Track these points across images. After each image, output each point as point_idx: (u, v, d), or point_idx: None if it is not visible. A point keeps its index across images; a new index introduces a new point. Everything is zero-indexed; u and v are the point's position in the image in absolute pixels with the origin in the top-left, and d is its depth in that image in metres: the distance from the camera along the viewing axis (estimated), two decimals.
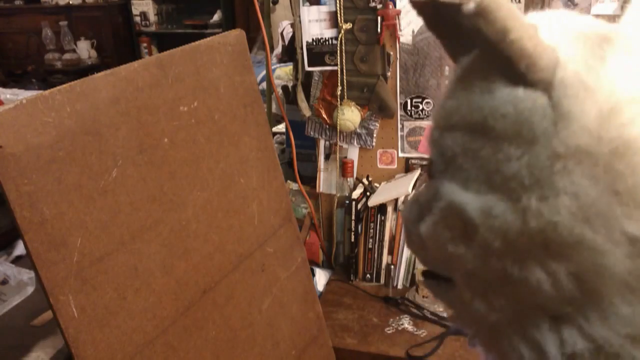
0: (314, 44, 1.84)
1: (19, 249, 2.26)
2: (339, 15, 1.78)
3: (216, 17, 4.83)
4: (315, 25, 1.82)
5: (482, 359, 0.55)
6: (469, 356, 1.62)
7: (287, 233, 1.46)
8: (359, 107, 1.88)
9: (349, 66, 1.84)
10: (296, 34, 1.87)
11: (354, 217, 1.93)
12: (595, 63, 0.42)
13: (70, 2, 4.98)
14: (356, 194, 1.95)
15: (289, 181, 2.02)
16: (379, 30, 1.78)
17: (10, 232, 2.23)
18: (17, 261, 2.21)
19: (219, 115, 1.24)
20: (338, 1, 1.76)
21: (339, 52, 1.81)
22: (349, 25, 1.79)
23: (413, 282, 1.93)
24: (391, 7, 1.75)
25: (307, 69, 1.87)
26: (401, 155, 1.95)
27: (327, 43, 1.83)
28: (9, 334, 1.76)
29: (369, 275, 1.98)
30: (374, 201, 1.86)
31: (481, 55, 0.44)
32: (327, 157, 2.02)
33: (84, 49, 4.90)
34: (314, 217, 2.05)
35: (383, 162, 1.98)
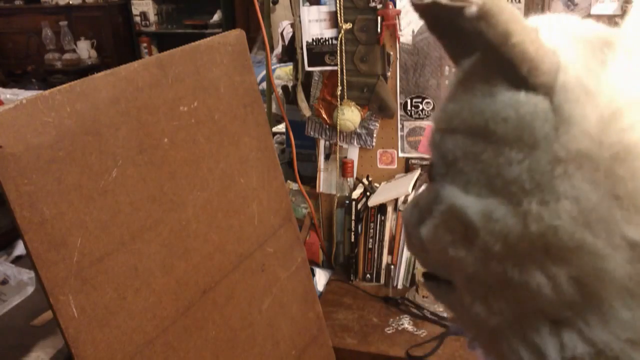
0: (314, 44, 1.84)
1: (19, 249, 2.26)
2: (339, 15, 1.78)
3: (216, 17, 4.83)
4: (315, 25, 1.82)
5: None
6: (469, 356, 1.62)
7: (287, 233, 1.46)
8: (359, 107, 1.88)
9: (349, 66, 1.84)
10: (296, 34, 1.87)
11: (354, 217, 1.93)
12: (596, 67, 0.42)
13: (70, 2, 4.97)
14: (356, 194, 1.95)
15: (289, 181, 2.02)
16: (379, 30, 1.78)
17: (10, 232, 2.23)
18: (17, 261, 2.21)
19: (219, 115, 1.24)
20: (338, 1, 1.76)
21: (339, 52, 1.81)
22: (349, 25, 1.79)
23: (413, 282, 1.93)
24: (391, 7, 1.75)
25: (307, 69, 1.87)
26: (401, 155, 1.95)
27: (327, 43, 1.83)
28: (9, 334, 1.76)
29: (369, 275, 1.98)
30: (374, 201, 1.86)
31: (482, 59, 0.44)
32: (327, 157, 2.02)
33: (84, 49, 4.90)
34: (314, 217, 2.05)
35: (383, 162, 1.98)
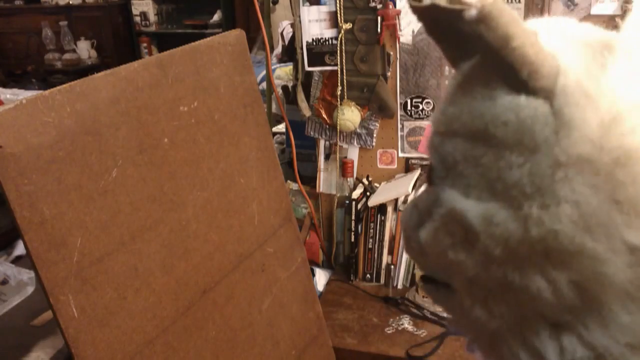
0: (314, 44, 1.83)
1: (19, 249, 2.26)
2: (339, 15, 1.78)
3: (216, 17, 4.83)
4: (315, 25, 1.81)
5: None
6: (469, 356, 1.61)
7: (287, 233, 1.46)
8: (359, 107, 1.88)
9: (349, 66, 1.84)
10: (296, 34, 1.87)
11: (354, 217, 1.92)
12: (596, 71, 0.42)
13: (70, 2, 4.97)
14: (356, 194, 1.95)
15: (289, 181, 2.02)
16: (379, 30, 1.78)
17: (10, 232, 2.22)
18: (17, 261, 2.20)
19: (219, 115, 1.24)
20: (338, 1, 1.76)
21: (339, 52, 1.81)
22: (349, 25, 1.79)
23: (413, 282, 1.93)
24: (391, 7, 1.75)
25: (307, 69, 1.87)
26: (401, 155, 1.95)
27: (327, 43, 1.83)
28: (9, 334, 1.76)
29: (369, 275, 1.98)
30: (374, 201, 1.86)
31: (482, 62, 0.44)
32: (327, 157, 2.02)
33: (84, 49, 4.90)
34: (314, 217, 2.05)
35: (383, 162, 1.98)
